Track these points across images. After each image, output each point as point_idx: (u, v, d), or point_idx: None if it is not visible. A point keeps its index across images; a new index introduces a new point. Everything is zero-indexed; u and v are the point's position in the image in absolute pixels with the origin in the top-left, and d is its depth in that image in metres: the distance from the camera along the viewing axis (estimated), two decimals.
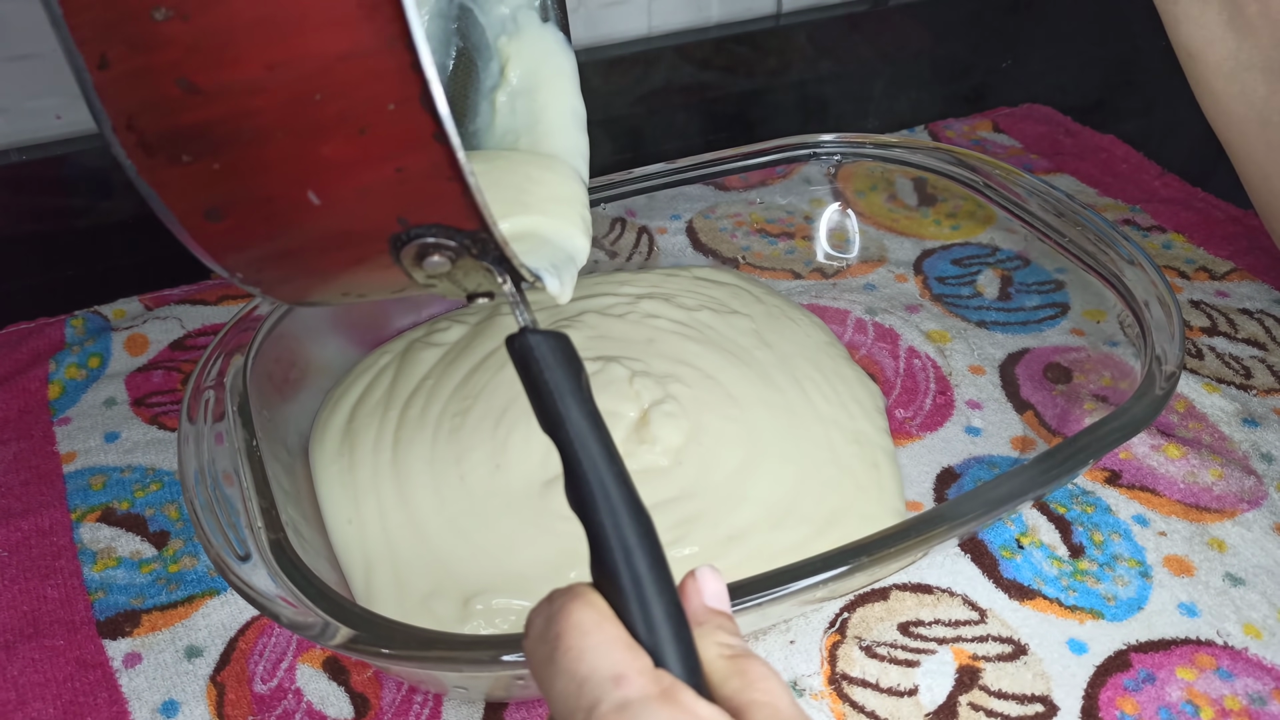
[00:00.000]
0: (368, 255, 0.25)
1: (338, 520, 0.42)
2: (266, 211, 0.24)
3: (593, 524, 0.24)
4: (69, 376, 0.53)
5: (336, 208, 0.23)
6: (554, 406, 0.24)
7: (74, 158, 0.62)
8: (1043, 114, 0.77)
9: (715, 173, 0.56)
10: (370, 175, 0.23)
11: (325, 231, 0.24)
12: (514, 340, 0.25)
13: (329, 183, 0.23)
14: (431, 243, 0.24)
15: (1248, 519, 0.45)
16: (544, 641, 0.23)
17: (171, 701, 0.38)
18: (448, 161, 0.22)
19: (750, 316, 0.54)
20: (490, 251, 0.25)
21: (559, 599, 0.23)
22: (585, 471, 0.24)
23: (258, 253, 0.26)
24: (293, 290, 0.28)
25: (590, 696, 0.21)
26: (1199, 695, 0.38)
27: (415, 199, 0.23)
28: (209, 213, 0.24)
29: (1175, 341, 0.41)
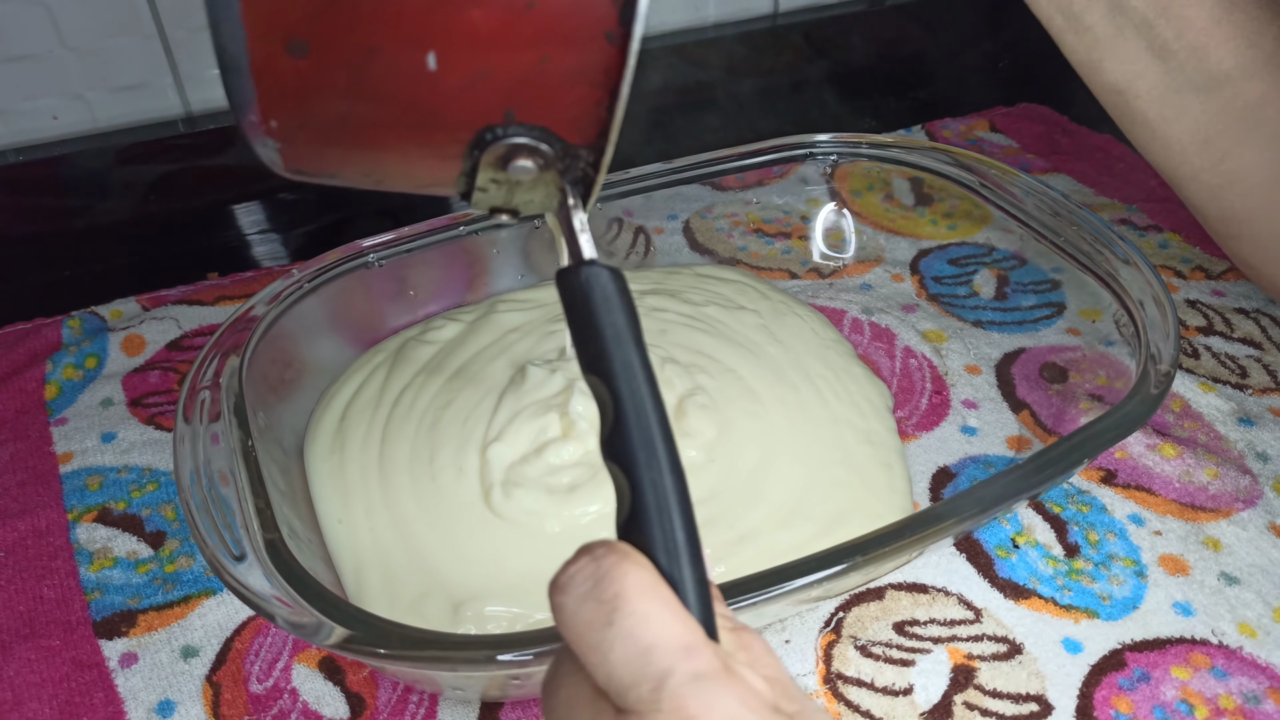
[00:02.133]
0: (442, 143, 0.22)
1: (329, 519, 0.42)
2: (365, 63, 0.20)
3: (640, 481, 0.22)
4: (66, 377, 0.53)
5: (448, 82, 0.20)
6: (610, 349, 0.22)
7: (71, 159, 0.62)
8: (1039, 113, 0.77)
9: (712, 173, 0.56)
10: (509, 56, 0.20)
11: (415, 104, 0.21)
12: (576, 272, 0.23)
13: (458, 50, 0.20)
14: (526, 145, 0.22)
15: (1243, 518, 0.45)
16: (597, 602, 0.21)
17: (167, 701, 0.38)
18: (608, 67, 0.20)
19: (758, 312, 0.54)
20: (577, 170, 0.23)
21: (607, 557, 0.22)
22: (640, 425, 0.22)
23: (318, 107, 0.22)
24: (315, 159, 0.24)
25: (660, 665, 0.20)
26: (1194, 694, 0.38)
27: (543, 96, 0.21)
28: (293, 45, 0.20)
29: (1170, 341, 0.42)
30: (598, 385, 0.23)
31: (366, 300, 0.50)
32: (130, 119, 0.64)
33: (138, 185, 0.64)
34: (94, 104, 0.63)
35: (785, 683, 0.22)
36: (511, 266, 0.55)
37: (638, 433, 0.22)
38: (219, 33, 0.20)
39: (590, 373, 0.23)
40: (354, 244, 0.49)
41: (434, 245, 0.50)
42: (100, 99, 0.63)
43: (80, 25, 0.60)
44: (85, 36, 0.61)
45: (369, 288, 0.50)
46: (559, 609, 0.22)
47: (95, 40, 0.61)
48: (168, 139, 0.64)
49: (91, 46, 0.61)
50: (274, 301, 0.45)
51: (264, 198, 0.67)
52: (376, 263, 0.49)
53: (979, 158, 0.54)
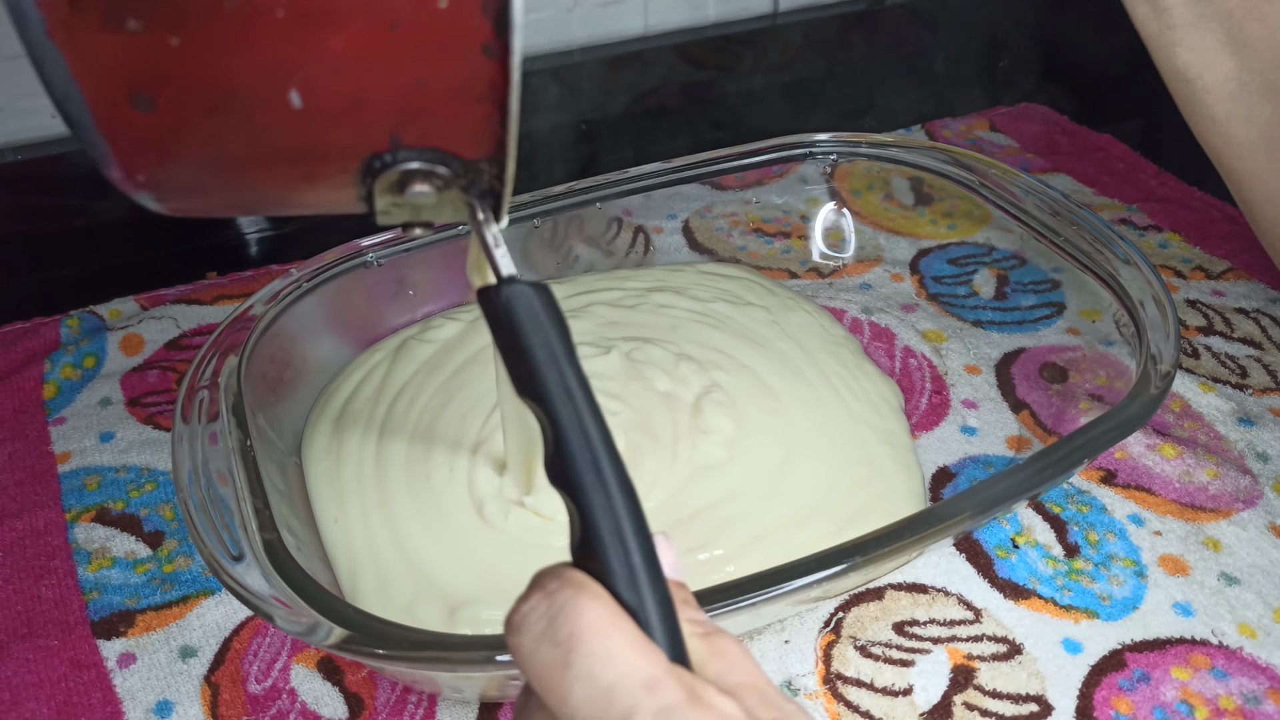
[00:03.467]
0: (327, 173, 0.21)
1: (326, 519, 0.42)
2: (221, 106, 0.19)
3: (587, 505, 0.21)
4: (64, 376, 0.52)
5: (319, 116, 0.19)
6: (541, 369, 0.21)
7: (69, 157, 0.62)
8: (1039, 113, 0.77)
9: (711, 172, 0.56)
10: (381, 81, 0.19)
11: (288, 142, 0.20)
12: (493, 292, 0.22)
13: (322, 83, 0.19)
14: (419, 169, 0.21)
15: (1243, 518, 0.45)
16: (552, 644, 0.20)
17: (165, 702, 0.38)
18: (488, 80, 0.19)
19: (766, 308, 0.53)
20: (482, 184, 0.22)
21: (559, 592, 0.21)
22: (579, 446, 0.21)
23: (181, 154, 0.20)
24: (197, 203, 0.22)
25: (623, 705, 0.20)
26: (1194, 695, 0.38)
27: (425, 117, 0.20)
28: (137, 99, 0.19)
29: (1170, 341, 0.41)
30: (534, 408, 0.22)
31: (365, 300, 0.50)
32: None
33: None
34: None
35: (762, 688, 0.22)
36: None
37: (580, 454, 0.21)
38: (52, 90, 0.19)
39: (524, 395, 0.22)
40: (353, 243, 0.49)
41: (433, 244, 0.50)
42: None
43: None
44: None
45: (368, 287, 0.50)
46: (515, 650, 0.21)
47: None
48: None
49: None
50: (273, 301, 0.45)
51: None
52: (375, 262, 0.49)
53: (979, 157, 0.54)
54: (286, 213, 0.24)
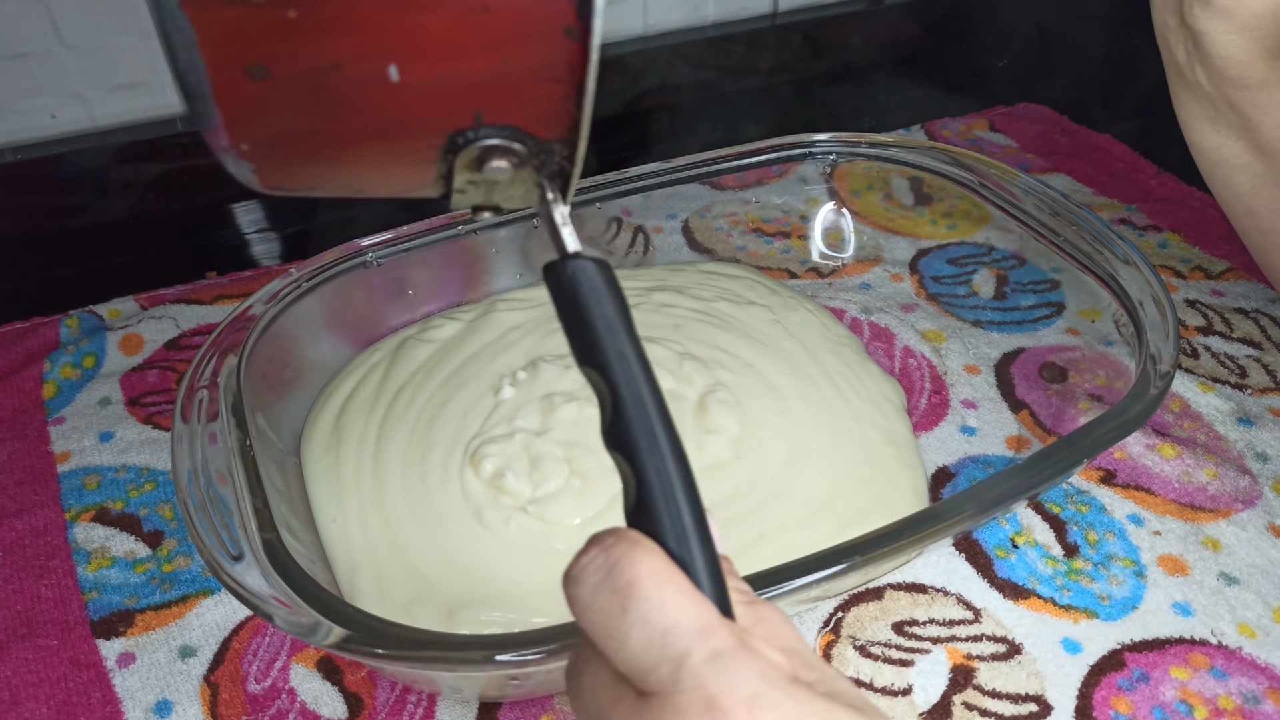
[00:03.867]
0: (414, 149, 0.22)
1: (324, 518, 0.42)
2: (326, 80, 0.21)
3: (643, 468, 0.22)
4: (64, 376, 0.52)
5: (413, 90, 0.21)
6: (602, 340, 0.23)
7: (69, 157, 0.62)
8: (1039, 113, 0.77)
9: (711, 172, 0.56)
10: (471, 60, 0.20)
11: (382, 115, 0.22)
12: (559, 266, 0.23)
13: (419, 59, 0.20)
14: (498, 145, 0.22)
15: (1242, 518, 0.45)
16: (611, 591, 0.22)
17: (165, 701, 0.38)
18: (568, 62, 0.20)
19: (768, 307, 0.53)
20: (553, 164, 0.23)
21: (616, 546, 0.22)
22: (633, 412, 0.23)
23: (285, 125, 0.22)
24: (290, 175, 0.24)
25: (678, 647, 0.21)
26: (1193, 695, 0.38)
27: (507, 95, 0.21)
28: (253, 69, 0.20)
29: (1170, 341, 0.41)
30: (594, 376, 0.23)
31: (365, 299, 0.50)
32: (129, 117, 0.64)
33: (136, 184, 0.64)
34: (92, 102, 0.63)
35: (804, 653, 0.23)
36: (510, 266, 0.55)
37: (637, 420, 0.23)
38: (177, 61, 0.20)
39: (585, 365, 0.23)
40: (352, 243, 0.49)
41: (432, 244, 0.50)
42: (98, 97, 0.63)
43: (79, 24, 0.60)
44: (84, 35, 0.60)
45: (367, 287, 0.50)
46: (574, 600, 0.22)
47: (94, 39, 0.61)
48: (166, 138, 0.64)
49: (90, 45, 0.61)
50: (272, 301, 0.45)
51: (262, 197, 0.67)
52: (375, 262, 0.49)
53: (978, 157, 0.54)
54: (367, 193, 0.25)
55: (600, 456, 0.42)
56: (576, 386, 0.46)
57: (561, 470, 0.42)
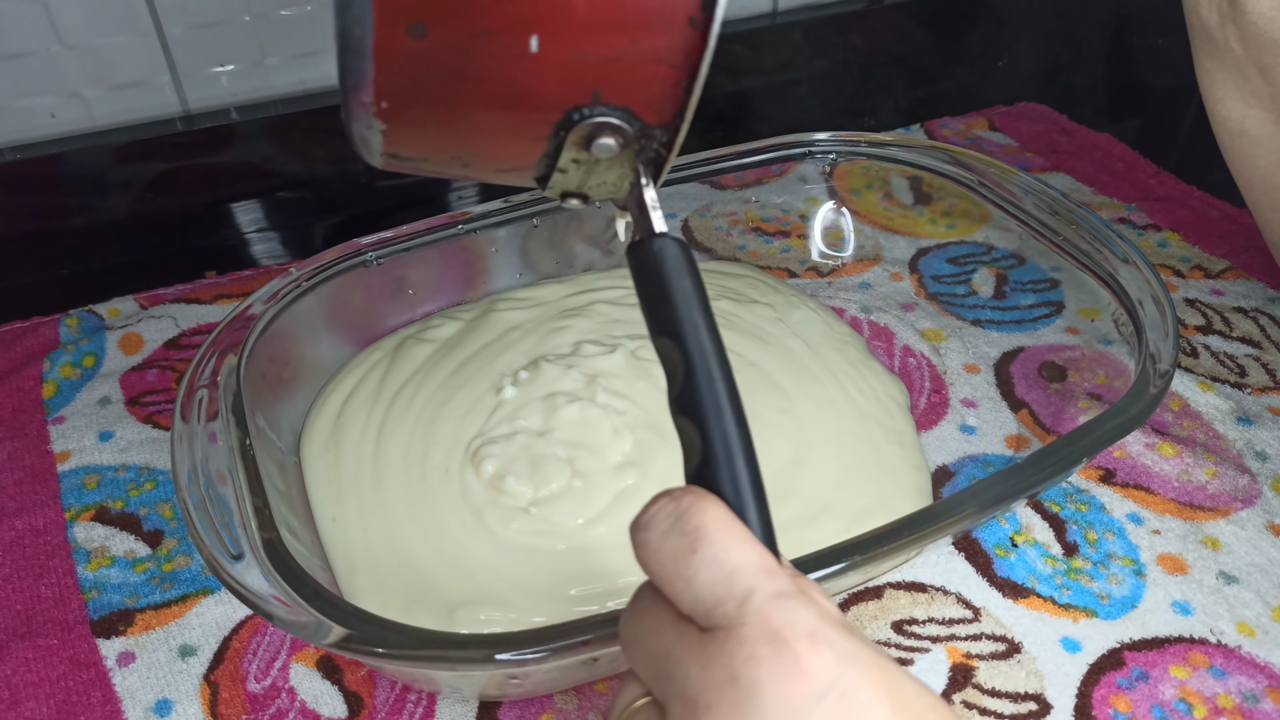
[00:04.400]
0: (533, 123, 0.24)
1: (324, 518, 0.42)
2: (476, 43, 0.22)
3: (709, 434, 0.24)
4: (63, 375, 0.52)
5: (549, 62, 0.22)
6: (679, 313, 0.24)
7: (68, 156, 0.62)
8: (1038, 112, 0.77)
9: (711, 171, 0.56)
10: (604, 39, 0.22)
11: (514, 84, 0.23)
12: (646, 244, 0.25)
13: (559, 33, 0.22)
14: (610, 124, 0.24)
15: (1242, 517, 0.45)
16: (680, 535, 0.23)
17: (165, 701, 0.38)
18: (689, 50, 0.21)
19: (771, 306, 0.53)
20: (651, 149, 0.25)
21: (685, 496, 0.24)
22: (703, 382, 0.24)
23: (429, 84, 0.23)
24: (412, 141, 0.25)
25: (743, 585, 0.22)
26: (1192, 693, 0.38)
27: (629, 77, 0.23)
28: (414, 27, 0.22)
29: (1169, 340, 0.41)
30: (668, 347, 0.25)
31: (365, 299, 0.50)
32: (128, 117, 0.64)
33: (135, 183, 0.64)
34: (92, 102, 0.63)
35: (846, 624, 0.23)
36: (510, 265, 0.55)
37: (707, 387, 0.24)
38: (346, 15, 0.22)
39: (661, 336, 0.25)
40: (352, 242, 0.49)
41: (432, 244, 0.50)
42: (98, 97, 0.63)
43: (78, 23, 0.60)
44: (83, 34, 0.60)
45: (367, 286, 0.50)
46: (642, 545, 0.24)
47: (93, 38, 0.61)
48: (165, 137, 0.63)
49: (89, 44, 0.61)
50: (272, 300, 0.45)
51: (262, 196, 0.67)
52: (375, 261, 0.49)
53: (978, 156, 0.54)
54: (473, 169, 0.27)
55: (602, 457, 0.43)
56: (579, 387, 0.46)
57: (563, 471, 0.42)
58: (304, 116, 0.66)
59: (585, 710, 0.38)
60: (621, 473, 0.42)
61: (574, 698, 0.38)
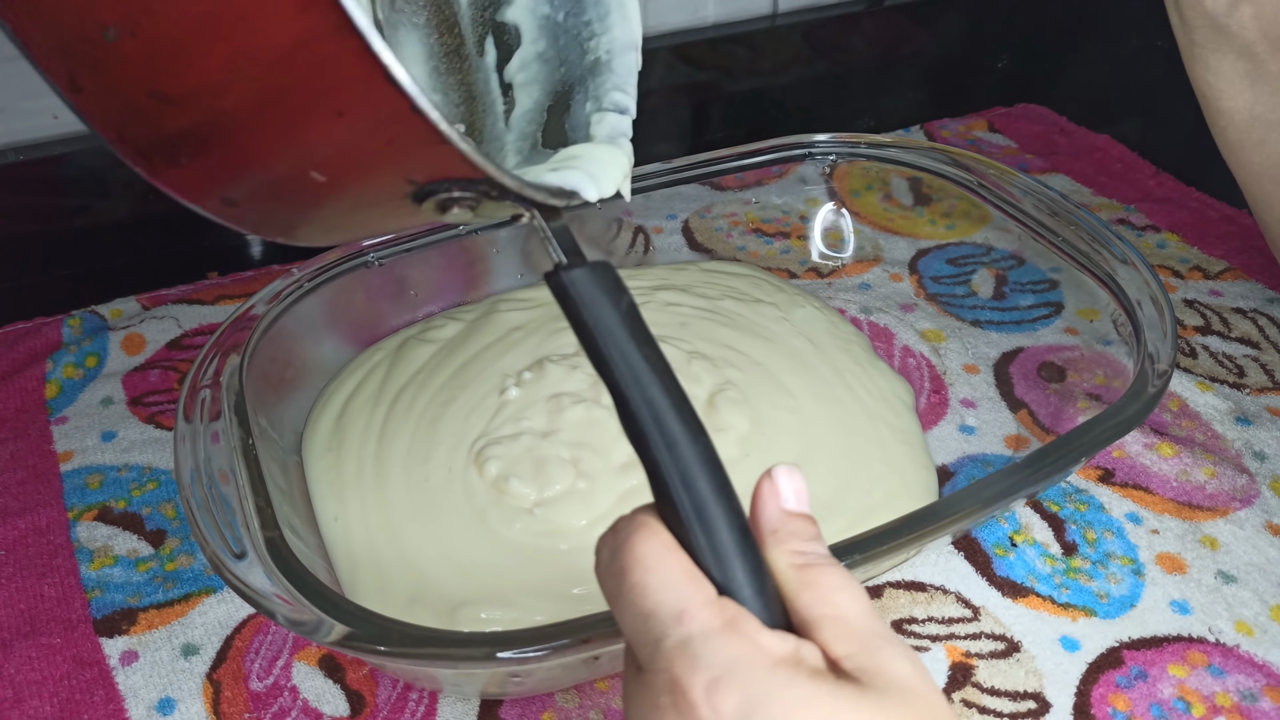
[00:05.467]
0: (391, 209, 0.25)
1: (326, 517, 0.42)
2: (278, 193, 0.24)
3: (649, 459, 0.24)
4: (66, 376, 0.53)
5: (343, 181, 0.24)
6: (595, 344, 0.24)
7: (71, 157, 0.62)
8: (1038, 114, 0.77)
9: (711, 172, 0.56)
10: (364, 150, 0.23)
11: (341, 199, 0.25)
12: (550, 278, 0.25)
13: (326, 162, 0.23)
14: (449, 196, 0.24)
15: (1240, 517, 0.45)
16: (610, 575, 0.24)
17: (168, 699, 0.38)
18: (430, 129, 0.21)
19: (775, 305, 0.53)
20: (507, 193, 0.24)
21: (623, 530, 0.24)
22: (635, 406, 0.24)
23: (281, 219, 0.26)
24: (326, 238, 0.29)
25: (655, 632, 0.22)
26: (1190, 692, 0.38)
27: (415, 163, 0.23)
28: (225, 200, 0.25)
29: (1168, 340, 0.42)
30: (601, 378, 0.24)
31: (366, 300, 0.50)
32: None
33: (137, 184, 0.64)
34: None
35: (847, 621, 0.23)
36: (511, 265, 0.55)
37: (641, 414, 0.23)
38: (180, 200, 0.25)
39: (594, 367, 0.24)
40: (354, 243, 0.49)
41: (434, 245, 0.50)
42: None
43: None
44: None
45: (369, 287, 0.50)
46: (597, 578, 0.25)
47: None
48: None
49: None
50: (274, 300, 0.45)
51: None
52: (376, 262, 0.49)
53: (977, 158, 0.54)
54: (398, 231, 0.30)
55: (607, 458, 0.43)
56: (584, 387, 0.46)
57: (567, 473, 0.42)
58: None
59: (586, 709, 0.38)
60: (626, 473, 0.42)
61: (575, 696, 0.38)
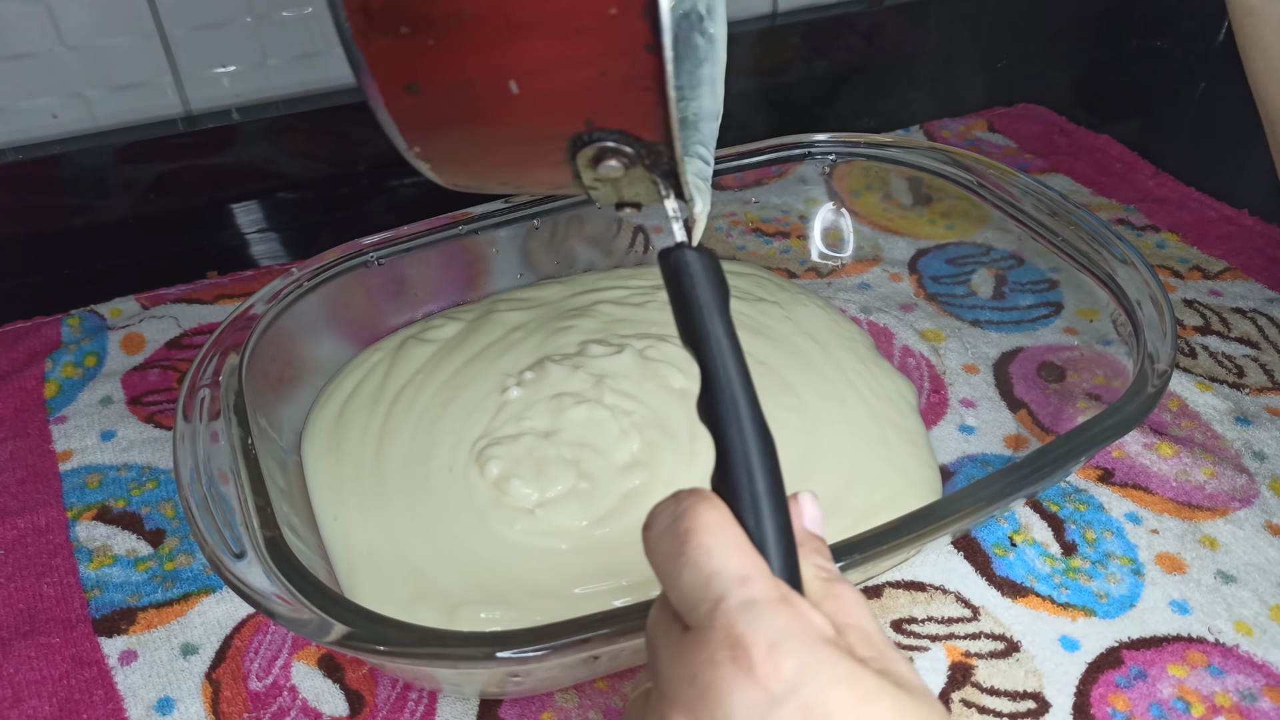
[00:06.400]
0: (546, 151, 0.26)
1: (325, 516, 0.42)
2: (464, 94, 0.25)
3: (723, 437, 0.25)
4: (65, 375, 0.53)
5: (532, 101, 0.24)
6: (701, 322, 0.26)
7: (70, 157, 0.62)
8: (1037, 114, 0.77)
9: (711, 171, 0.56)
10: (574, 74, 0.24)
11: (513, 122, 0.25)
12: (670, 254, 0.26)
13: (531, 75, 0.24)
14: (611, 147, 0.25)
15: (1239, 517, 0.45)
16: (672, 536, 0.24)
17: (167, 699, 0.38)
18: (653, 73, 0.23)
19: (779, 304, 0.53)
20: (662, 164, 0.26)
21: (687, 499, 0.25)
22: (723, 388, 0.25)
23: (443, 131, 0.27)
24: (459, 172, 0.29)
25: (717, 591, 0.23)
26: (1190, 692, 0.38)
27: (609, 103, 0.24)
28: (410, 86, 0.25)
29: (1167, 340, 0.42)
30: (692, 353, 0.26)
31: (366, 299, 0.50)
32: (130, 118, 0.64)
33: (137, 184, 0.64)
34: (93, 102, 0.63)
35: (869, 632, 0.24)
36: (511, 265, 0.55)
37: (723, 395, 0.25)
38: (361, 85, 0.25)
39: (684, 342, 0.26)
40: (353, 243, 0.49)
41: (433, 244, 0.50)
42: (100, 98, 0.63)
43: (80, 24, 0.60)
44: (85, 35, 0.61)
45: (368, 286, 0.50)
46: (646, 543, 0.25)
47: (95, 39, 0.61)
48: (167, 138, 0.64)
49: (91, 45, 0.61)
50: (273, 300, 0.45)
51: (263, 197, 0.67)
52: (376, 262, 0.49)
53: (977, 157, 0.54)
54: (527, 188, 0.30)
55: (609, 458, 0.43)
56: (586, 387, 0.46)
57: (569, 473, 0.42)
58: (305, 117, 0.66)
59: (586, 708, 0.38)
60: (629, 473, 0.42)
61: (575, 696, 0.38)
